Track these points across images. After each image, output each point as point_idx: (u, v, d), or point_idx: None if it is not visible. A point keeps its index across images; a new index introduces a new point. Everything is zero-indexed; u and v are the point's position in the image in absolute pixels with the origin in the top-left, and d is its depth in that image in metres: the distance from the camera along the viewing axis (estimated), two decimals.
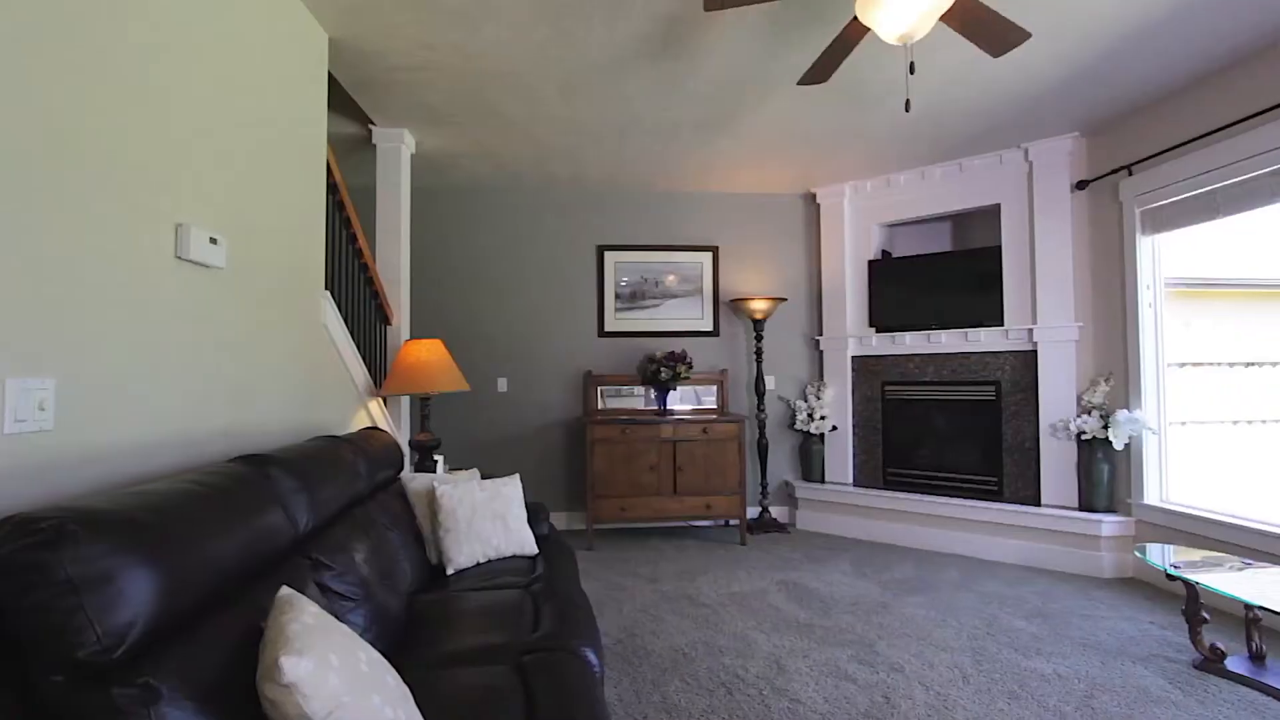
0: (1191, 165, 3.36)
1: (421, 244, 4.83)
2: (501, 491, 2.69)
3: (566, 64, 3.06)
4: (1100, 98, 3.51)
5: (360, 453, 2.26)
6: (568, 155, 4.33)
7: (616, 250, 5.11)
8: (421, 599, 2.17)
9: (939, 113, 3.67)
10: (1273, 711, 2.23)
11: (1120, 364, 3.85)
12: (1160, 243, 3.70)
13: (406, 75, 3.14)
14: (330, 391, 2.79)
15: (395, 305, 3.75)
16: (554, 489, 4.99)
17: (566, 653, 1.72)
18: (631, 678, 2.50)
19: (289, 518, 1.58)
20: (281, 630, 1.09)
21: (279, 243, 2.29)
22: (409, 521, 2.51)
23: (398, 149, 3.81)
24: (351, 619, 1.66)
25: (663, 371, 4.68)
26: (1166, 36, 2.87)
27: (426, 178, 4.70)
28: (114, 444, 1.49)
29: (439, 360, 3.31)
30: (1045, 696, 2.35)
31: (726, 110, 3.62)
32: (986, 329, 4.34)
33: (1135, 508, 3.75)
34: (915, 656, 2.69)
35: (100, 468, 1.45)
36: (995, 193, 4.37)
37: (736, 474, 4.49)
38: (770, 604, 3.31)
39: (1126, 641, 2.83)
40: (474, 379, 4.77)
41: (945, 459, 4.58)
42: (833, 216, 5.05)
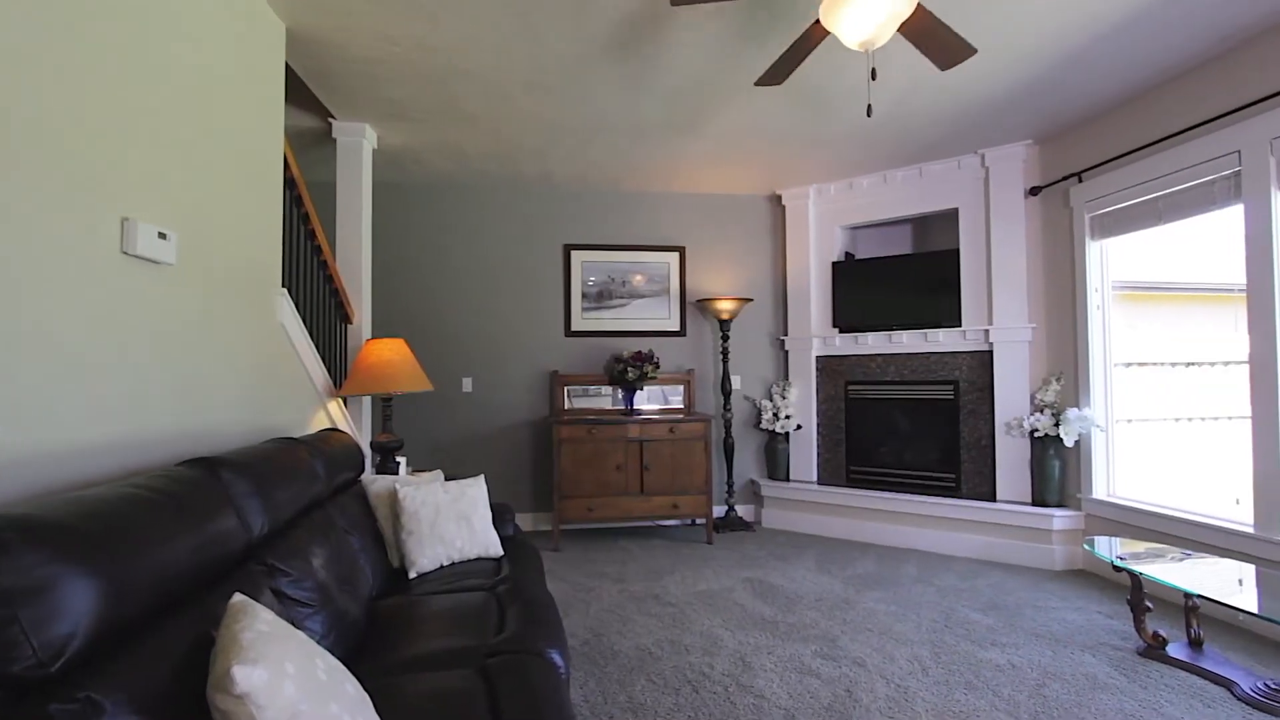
0: (1136, 174, 3.51)
1: (384, 241, 4.73)
2: (466, 493, 2.65)
3: (533, 61, 3.04)
4: (1052, 107, 3.64)
5: (318, 454, 2.20)
6: (534, 153, 4.29)
7: (584, 250, 5.09)
8: (383, 603, 2.12)
9: (900, 118, 3.76)
10: (1209, 694, 2.34)
11: (1071, 364, 4.00)
12: (1108, 247, 3.86)
13: (367, 68, 3.07)
14: (288, 392, 2.71)
15: (356, 303, 3.67)
16: (520, 490, 4.94)
17: (532, 655, 1.70)
18: (598, 678, 2.49)
19: (242, 522, 1.53)
20: (234, 639, 1.05)
21: (234, 238, 2.22)
22: (370, 524, 2.46)
23: (359, 144, 3.73)
24: (309, 626, 1.62)
25: (630, 371, 4.68)
26: (1113, 51, 2.99)
27: (389, 173, 4.61)
28: (53, 448, 1.42)
29: (401, 360, 3.25)
30: (1000, 686, 2.42)
31: (693, 111, 3.64)
32: (945, 330, 4.46)
33: (1084, 502, 3.90)
34: (876, 650, 2.74)
35: (38, 472, 1.38)
36: (953, 197, 4.49)
37: (703, 473, 4.52)
38: (736, 602, 3.34)
39: (1075, 631, 2.94)
40: (438, 379, 4.70)
41: (906, 457, 4.69)
42: (798, 218, 5.12)
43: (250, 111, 2.35)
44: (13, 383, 1.32)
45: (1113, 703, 2.29)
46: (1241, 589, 2.50)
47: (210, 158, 2.07)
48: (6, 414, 1.30)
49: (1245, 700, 2.29)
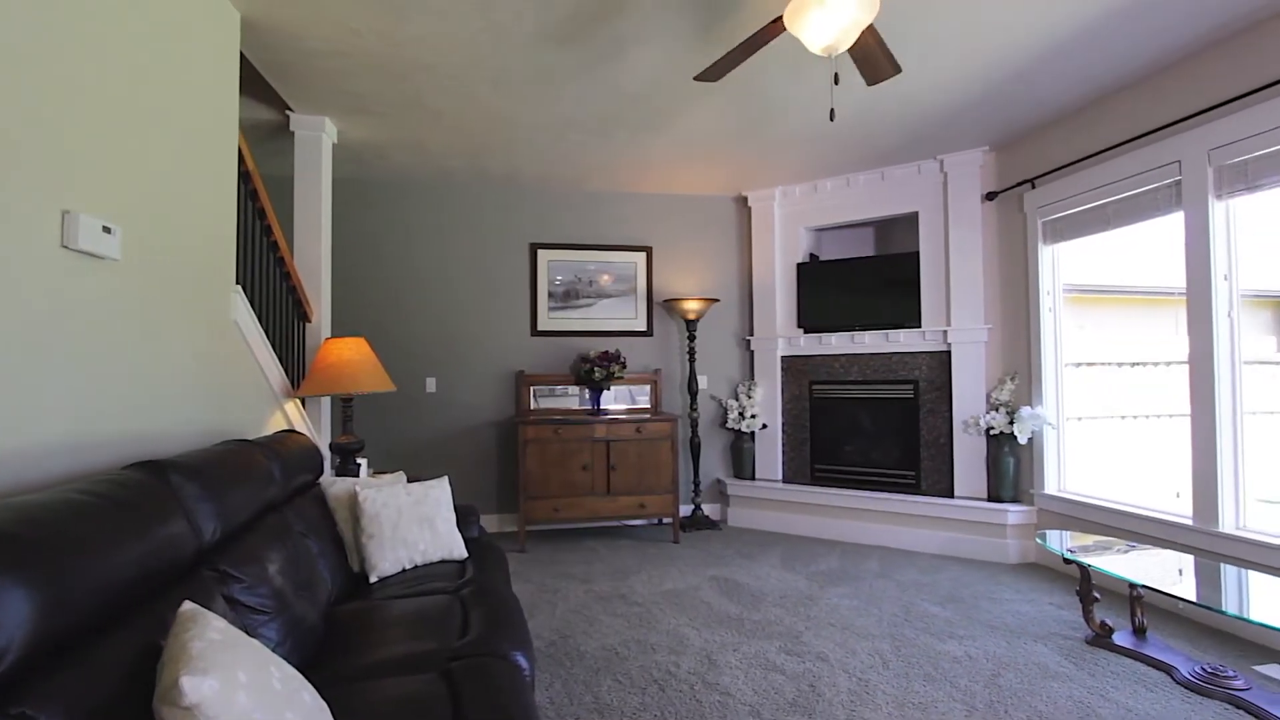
0: (1086, 180, 3.64)
1: (344, 238, 4.62)
2: (429, 494, 2.61)
3: (499, 58, 3.00)
4: (1007, 116, 3.75)
5: (274, 456, 2.14)
6: (501, 151, 4.24)
7: (550, 249, 5.06)
8: (343, 609, 2.07)
9: (862, 123, 3.83)
10: (1152, 680, 2.45)
11: (1024, 364, 4.14)
12: (1059, 251, 4.00)
13: (328, 61, 3.00)
14: (242, 393, 2.62)
15: (315, 301, 3.57)
16: (485, 491, 4.89)
17: (496, 657, 1.68)
18: (564, 679, 2.47)
19: (193, 527, 1.48)
20: (183, 648, 1.01)
21: (184, 233, 2.14)
22: (329, 528, 2.40)
23: (318, 138, 3.63)
24: (264, 633, 1.57)
25: (596, 371, 4.67)
26: (1064, 63, 3.10)
27: (350, 168, 4.50)
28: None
29: (362, 359, 3.18)
30: (957, 677, 2.49)
31: (659, 112, 3.65)
32: (905, 330, 4.57)
33: (1037, 497, 4.03)
34: (839, 645, 2.79)
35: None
36: (914, 201, 4.60)
37: (670, 473, 4.53)
38: (702, 600, 3.36)
39: (1028, 622, 3.04)
40: (401, 379, 4.61)
41: (868, 455, 4.78)
42: (763, 219, 5.18)
43: (202, 102, 2.27)
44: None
45: (1063, 690, 2.38)
46: (1181, 578, 2.63)
47: (159, 149, 1.99)
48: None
49: (1184, 684, 2.40)
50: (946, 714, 2.22)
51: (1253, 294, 6.17)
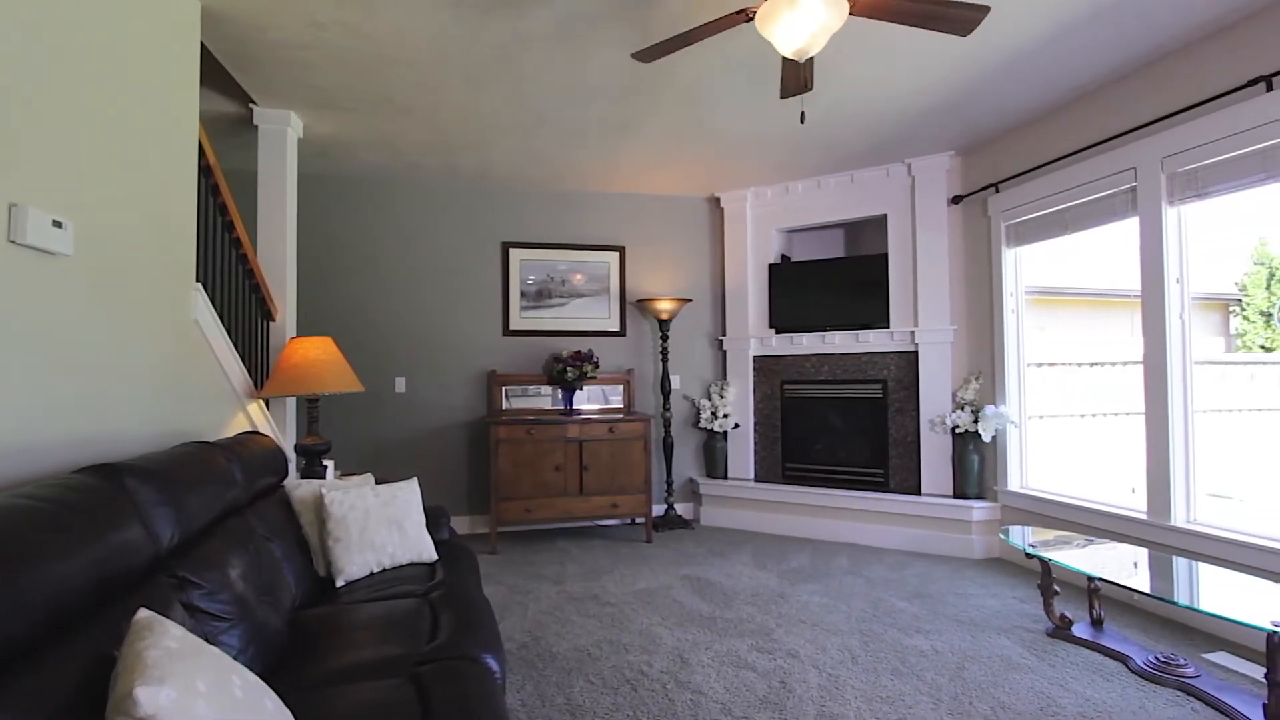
0: (1047, 186, 3.75)
1: (311, 235, 4.52)
2: (398, 496, 2.57)
3: (470, 55, 2.97)
4: (972, 121, 3.84)
5: (236, 458, 2.08)
6: (472, 148, 4.20)
7: (522, 248, 5.02)
8: (308, 614, 2.03)
9: (832, 126, 3.88)
10: (1108, 669, 2.53)
11: (988, 364, 4.24)
12: (1022, 254, 4.10)
13: (293, 53, 2.93)
14: (203, 393, 2.55)
15: (279, 300, 3.49)
16: (456, 492, 4.83)
17: (466, 660, 1.66)
18: (535, 681, 2.46)
19: (149, 532, 1.43)
20: (138, 657, 0.98)
21: (142, 228, 2.07)
22: (293, 531, 2.34)
23: (282, 132, 3.55)
24: (225, 640, 1.53)
25: (569, 371, 4.65)
26: (1026, 71, 3.18)
27: (316, 164, 4.41)
28: None
29: (329, 359, 3.11)
30: (923, 671, 2.54)
31: (633, 112, 3.65)
32: (874, 331, 4.64)
33: (1001, 494, 4.14)
34: (810, 642, 2.82)
35: None
36: (882, 204, 4.67)
37: (642, 472, 4.53)
38: (675, 599, 3.37)
39: (992, 615, 3.11)
40: (369, 379, 4.53)
41: (838, 453, 4.85)
42: (736, 220, 5.22)
43: (161, 93, 2.20)
44: None
45: (1025, 681, 2.44)
46: (1136, 571, 2.72)
47: (115, 142, 1.92)
48: None
49: (1139, 673, 2.48)
50: (913, 707, 2.26)
51: (1202, 297, 6.43)
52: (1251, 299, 7.59)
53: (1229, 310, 7.74)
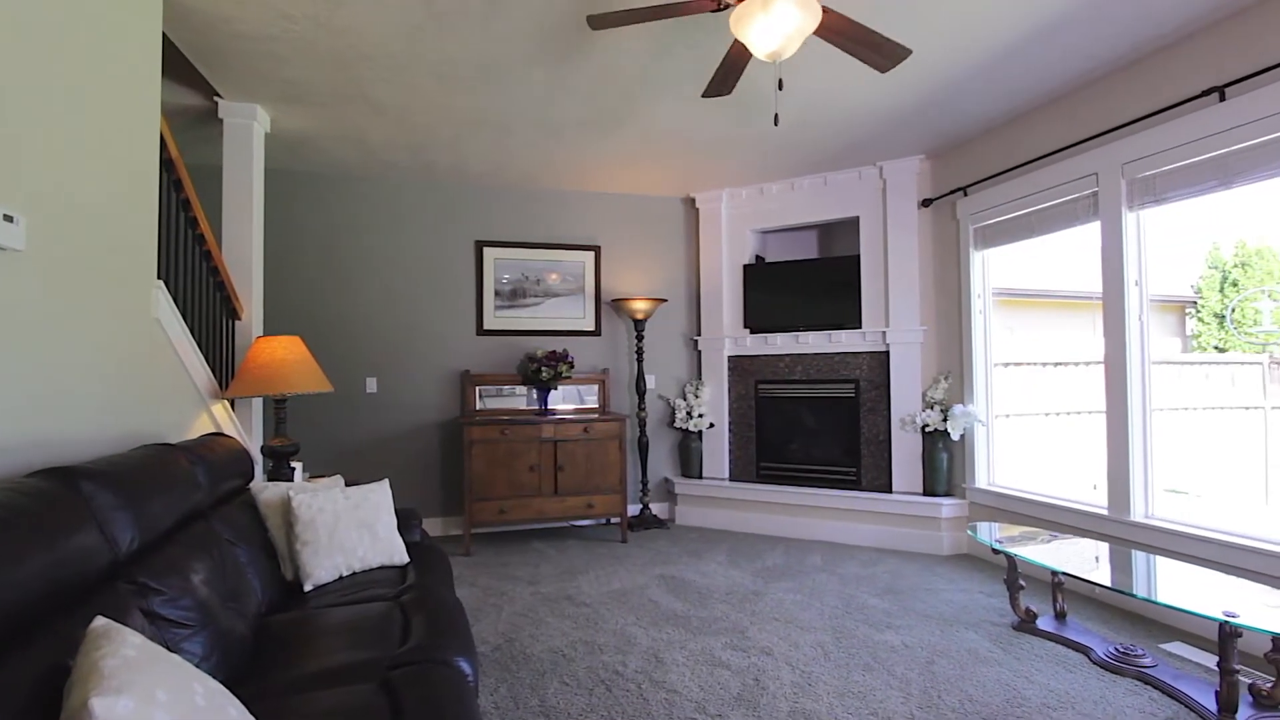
0: (1013, 190, 3.84)
1: (279, 232, 4.43)
2: (368, 498, 2.53)
3: (444, 52, 2.94)
4: (941, 126, 3.92)
5: (199, 461, 2.03)
6: (446, 146, 4.15)
7: (497, 247, 4.98)
8: (275, 619, 1.98)
9: (806, 129, 3.92)
10: (1071, 661, 2.60)
11: (957, 364, 4.32)
12: (989, 257, 4.19)
13: (259, 46, 2.86)
14: (164, 394, 2.48)
15: (245, 298, 3.41)
16: (429, 494, 4.77)
17: (438, 664, 1.64)
18: (509, 684, 2.44)
19: (107, 538, 1.39)
20: (94, 667, 0.95)
21: (101, 224, 2.00)
22: (260, 535, 2.29)
23: (249, 126, 3.47)
24: (187, 648, 1.49)
25: (544, 371, 4.62)
26: (993, 78, 3.25)
27: (284, 159, 4.32)
28: None
29: (297, 359, 3.05)
30: (894, 665, 2.58)
31: (610, 112, 3.64)
32: (847, 331, 4.70)
33: (969, 491, 4.22)
34: (783, 639, 2.85)
35: None
36: (855, 206, 4.74)
37: (618, 472, 4.53)
38: (650, 599, 3.37)
39: (960, 610, 3.18)
40: (340, 379, 4.45)
41: (812, 452, 4.90)
42: (711, 221, 5.24)
43: (121, 84, 2.13)
44: None
45: (992, 674, 2.50)
46: (1098, 565, 2.80)
47: (71, 133, 1.85)
48: None
49: (1100, 664, 2.55)
50: (884, 701, 2.30)
51: (1160, 299, 6.65)
52: (1206, 301, 7.87)
53: (1185, 312, 8.02)
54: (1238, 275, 7.81)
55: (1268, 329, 6.93)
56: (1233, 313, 7.45)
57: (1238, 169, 2.77)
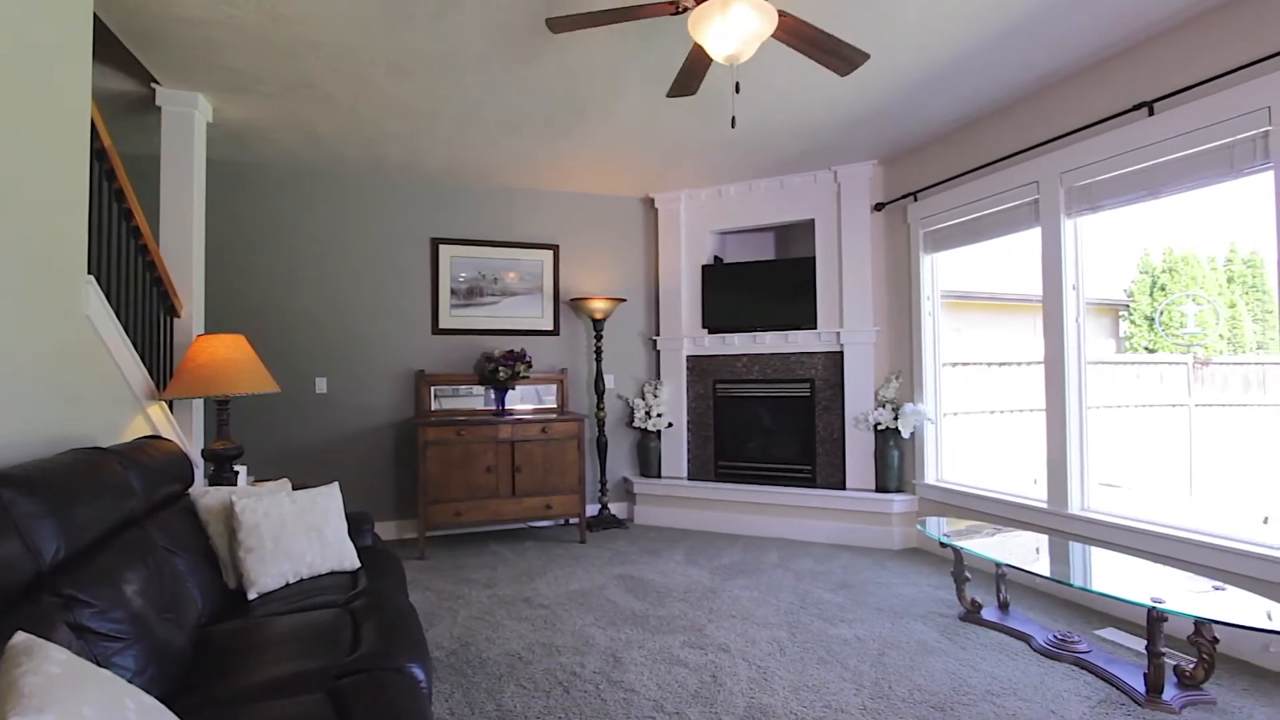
0: (960, 196, 3.97)
1: (222, 226, 4.25)
2: (317, 502, 2.45)
3: (397, 43, 2.87)
4: (893, 132, 4.02)
5: (133, 465, 1.93)
6: (400, 140, 4.05)
7: (453, 244, 4.89)
8: (217, 629, 1.90)
9: (763, 133, 3.98)
10: (1013, 649, 2.71)
11: (907, 364, 4.45)
12: (938, 260, 4.33)
13: (201, 31, 2.74)
14: (96, 396, 2.35)
15: (185, 294, 3.26)
16: (382, 497, 4.65)
17: (390, 671, 1.60)
18: (464, 689, 2.40)
19: (29, 548, 1.31)
20: (12, 686, 0.89)
21: (23, 216, 1.88)
22: (200, 542, 2.19)
23: (189, 115, 3.32)
24: (120, 662, 1.41)
25: (501, 371, 4.57)
26: (941, 87, 3.36)
27: (229, 150, 4.15)
28: None
29: (241, 358, 2.93)
30: (847, 658, 2.64)
31: (569, 111, 3.62)
32: (803, 331, 4.79)
33: (919, 487, 4.35)
34: (740, 635, 2.88)
35: None
36: (810, 208, 4.83)
37: (576, 472, 4.51)
38: (608, 599, 3.37)
39: (910, 603, 3.27)
40: (287, 379, 4.30)
41: (769, 451, 4.98)
42: (670, 221, 5.27)
43: (46, 68, 2.01)
44: None
45: (939, 664, 2.58)
46: (1038, 556, 2.92)
47: None
48: None
49: (1040, 651, 2.67)
50: (838, 694, 2.35)
51: (1096, 302, 6.98)
52: (1137, 305, 8.32)
53: (1119, 315, 8.46)
54: (1165, 280, 8.28)
55: (1192, 331, 7.35)
56: (1161, 315, 7.89)
57: (1165, 180, 2.93)
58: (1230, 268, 8.21)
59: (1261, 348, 7.32)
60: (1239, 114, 2.62)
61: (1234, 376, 6.64)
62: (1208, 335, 7.32)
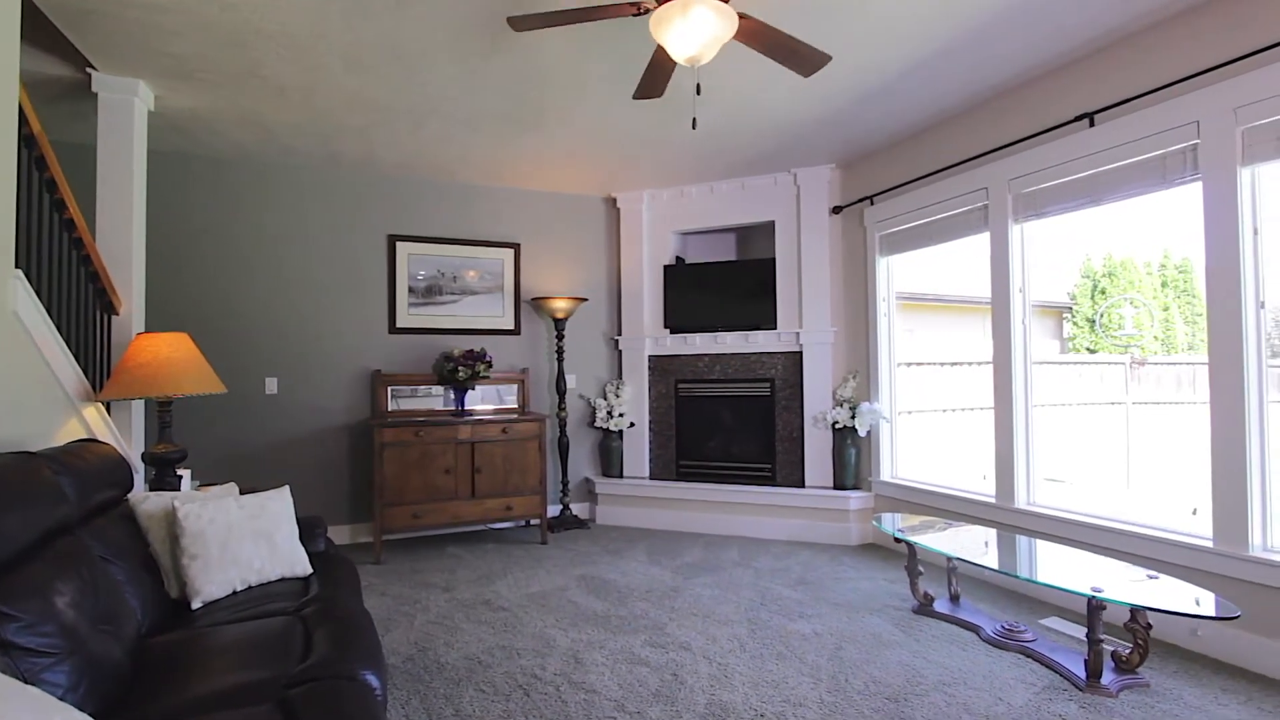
0: (914, 200, 4.08)
1: (168, 220, 4.08)
2: (267, 507, 2.37)
3: (353, 35, 2.79)
4: (850, 137, 4.11)
5: (65, 471, 1.83)
6: (356, 134, 3.95)
7: (411, 241, 4.79)
8: (158, 641, 1.82)
9: (725, 135, 4.01)
10: (963, 639, 2.79)
11: (864, 363, 4.55)
12: (893, 263, 4.44)
13: (142, 15, 2.62)
14: (24, 397, 2.22)
15: (124, 291, 3.11)
16: (336, 500, 4.53)
17: (343, 679, 1.56)
18: (422, 695, 2.35)
19: None
20: None
21: None
22: (140, 550, 2.09)
23: (128, 103, 3.16)
24: (49, 679, 1.34)
25: (460, 371, 4.49)
26: (895, 95, 3.44)
27: (173, 141, 3.97)
28: None
29: (184, 357, 2.81)
30: (805, 653, 2.68)
31: (530, 109, 3.58)
32: (763, 332, 4.85)
33: (874, 484, 4.46)
34: (700, 633, 2.90)
35: None
36: (771, 210, 4.89)
37: (537, 473, 4.47)
38: (570, 600, 3.35)
39: (866, 597, 3.34)
40: (235, 379, 4.15)
41: (730, 450, 5.02)
42: (632, 221, 5.27)
43: None
44: None
45: (894, 656, 2.64)
46: (987, 550, 3.02)
47: None
48: None
49: (989, 641, 2.76)
50: (796, 688, 2.38)
51: (1041, 305, 7.25)
52: (1080, 307, 8.69)
53: (1062, 317, 8.82)
54: (1106, 284, 8.67)
55: (1129, 332, 7.71)
56: (1101, 318, 8.26)
57: (1105, 188, 3.06)
58: (1164, 273, 8.66)
59: (1192, 349, 7.74)
60: (1171, 127, 2.76)
61: (1167, 376, 7.00)
62: (1144, 336, 7.70)
